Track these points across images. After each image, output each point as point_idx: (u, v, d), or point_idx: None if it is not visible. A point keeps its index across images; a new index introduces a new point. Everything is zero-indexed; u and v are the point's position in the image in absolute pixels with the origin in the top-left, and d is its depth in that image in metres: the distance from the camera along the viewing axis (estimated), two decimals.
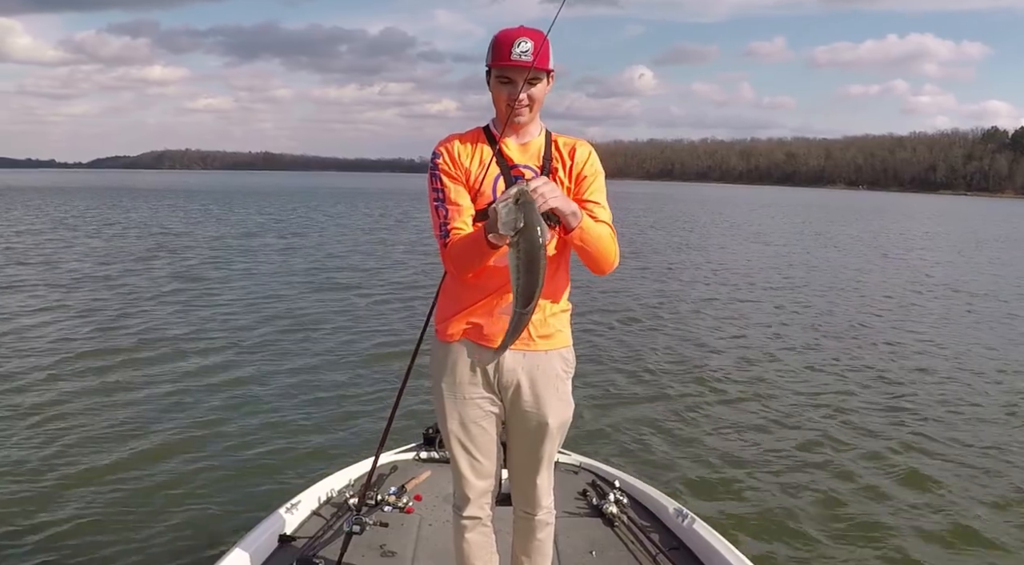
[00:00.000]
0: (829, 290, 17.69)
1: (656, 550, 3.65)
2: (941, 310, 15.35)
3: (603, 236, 2.67)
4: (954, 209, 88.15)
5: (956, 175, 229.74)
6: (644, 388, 9.06)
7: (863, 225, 45.98)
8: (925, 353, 11.28)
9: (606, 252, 2.70)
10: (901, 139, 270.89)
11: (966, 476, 6.60)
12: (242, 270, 18.55)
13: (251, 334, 11.23)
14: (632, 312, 14.08)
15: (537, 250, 2.38)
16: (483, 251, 2.55)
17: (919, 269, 22.86)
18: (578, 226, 2.56)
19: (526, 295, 2.45)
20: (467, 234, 2.66)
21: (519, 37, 2.63)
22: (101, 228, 30.04)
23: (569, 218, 2.53)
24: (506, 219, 2.35)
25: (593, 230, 2.62)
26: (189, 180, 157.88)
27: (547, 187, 2.43)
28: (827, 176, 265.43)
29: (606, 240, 2.69)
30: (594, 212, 2.74)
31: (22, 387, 8.31)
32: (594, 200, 2.78)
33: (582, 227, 2.57)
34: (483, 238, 2.51)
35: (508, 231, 2.37)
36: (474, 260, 2.65)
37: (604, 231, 2.69)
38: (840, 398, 8.79)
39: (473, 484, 2.92)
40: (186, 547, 5.00)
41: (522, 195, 2.34)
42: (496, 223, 2.38)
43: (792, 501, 6.00)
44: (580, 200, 2.75)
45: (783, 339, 12.08)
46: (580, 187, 2.79)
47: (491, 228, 2.44)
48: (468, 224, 2.72)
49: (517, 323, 2.53)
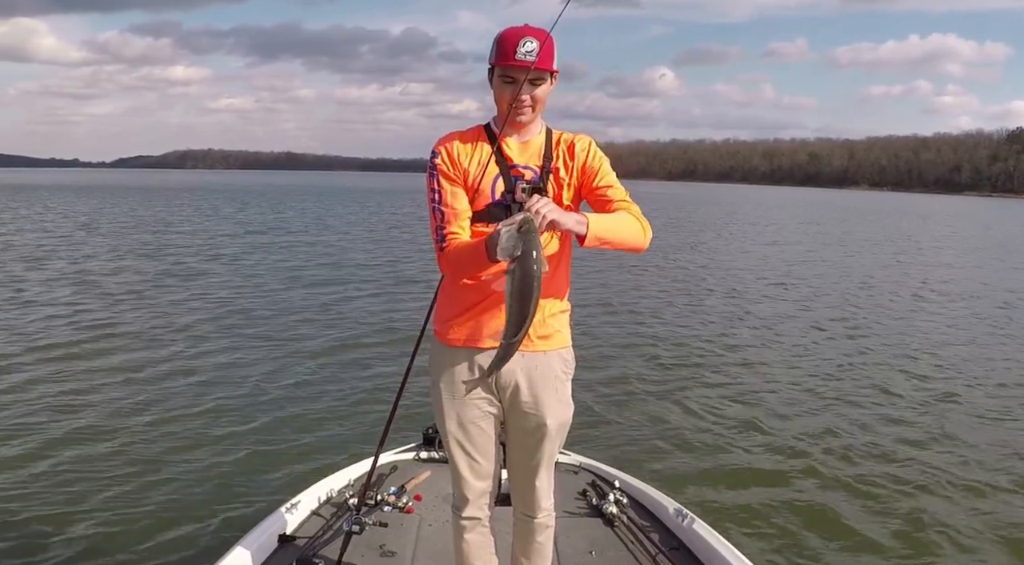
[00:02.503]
0: (834, 291, 17.55)
1: (656, 550, 3.64)
2: (953, 317, 15.15)
3: (620, 225, 2.63)
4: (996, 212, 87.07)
5: (981, 176, 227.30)
6: (644, 388, 9.05)
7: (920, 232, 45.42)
8: (932, 357, 11.18)
9: (632, 237, 2.66)
10: (925, 140, 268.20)
11: (970, 478, 6.56)
12: (243, 269, 18.66)
13: (251, 334, 11.26)
14: (632, 312, 14.09)
15: (532, 280, 2.37)
16: (482, 262, 2.53)
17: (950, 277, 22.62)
18: (588, 231, 2.49)
19: (516, 324, 2.44)
20: (468, 243, 2.64)
21: (524, 36, 2.60)
22: (113, 226, 30.28)
23: (574, 227, 2.47)
24: (504, 245, 2.35)
25: (608, 227, 2.57)
26: (213, 179, 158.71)
27: (545, 205, 2.40)
28: (850, 177, 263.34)
29: (625, 227, 2.64)
30: (608, 195, 2.73)
31: (20, 385, 8.36)
32: (605, 184, 2.75)
33: (592, 230, 2.50)
34: (483, 250, 2.49)
35: (504, 257, 2.37)
36: (471, 268, 2.66)
37: (618, 219, 2.64)
38: (841, 399, 8.78)
39: (472, 485, 2.91)
40: (186, 546, 5.01)
41: (526, 223, 2.32)
42: (495, 245, 2.38)
43: (793, 501, 5.99)
44: (592, 189, 2.75)
45: (784, 339, 12.05)
46: (589, 178, 2.76)
47: (491, 247, 2.44)
48: (465, 228, 2.71)
49: (504, 353, 2.54)
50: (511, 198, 2.70)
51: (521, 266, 2.36)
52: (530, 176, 2.73)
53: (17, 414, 7.42)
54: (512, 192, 2.70)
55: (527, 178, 2.72)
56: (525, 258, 2.34)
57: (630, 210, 2.71)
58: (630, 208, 2.72)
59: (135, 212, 41.47)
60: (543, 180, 2.73)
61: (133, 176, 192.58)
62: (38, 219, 34.16)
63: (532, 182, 2.71)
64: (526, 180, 2.72)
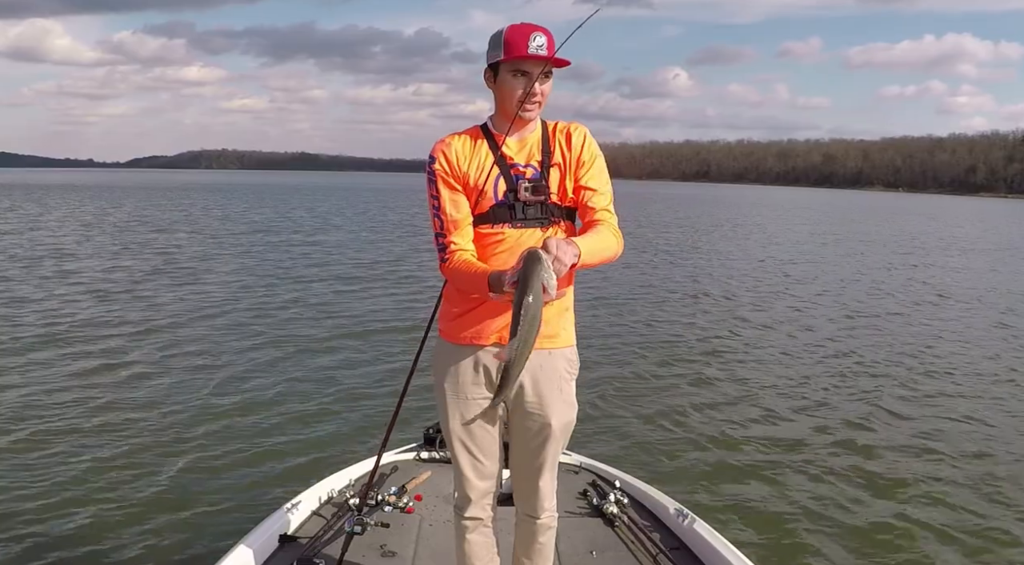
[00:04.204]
0: (837, 293, 17.48)
1: (656, 550, 3.63)
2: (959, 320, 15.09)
3: (603, 248, 2.60)
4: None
5: (996, 177, 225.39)
6: (645, 388, 9.08)
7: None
8: (934, 358, 11.14)
9: (608, 256, 2.65)
10: (940, 140, 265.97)
11: (972, 476, 6.57)
12: (243, 269, 18.72)
13: (251, 334, 11.29)
14: (633, 312, 14.09)
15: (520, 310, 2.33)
16: (483, 292, 2.56)
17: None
18: (578, 262, 2.45)
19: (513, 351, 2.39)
20: (471, 270, 2.63)
21: (533, 31, 2.61)
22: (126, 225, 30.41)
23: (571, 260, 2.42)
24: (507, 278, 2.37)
25: (592, 251, 2.52)
26: (228, 179, 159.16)
27: (565, 254, 2.36)
28: (865, 178, 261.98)
29: (605, 248, 2.62)
30: (591, 201, 2.73)
31: (19, 384, 8.40)
32: (591, 187, 2.74)
33: (582, 260, 2.46)
34: (485, 284, 2.51)
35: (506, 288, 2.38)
36: (473, 293, 2.67)
37: (601, 241, 2.61)
38: (842, 399, 8.79)
39: (475, 485, 2.89)
40: (187, 546, 5.03)
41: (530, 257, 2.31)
42: (500, 284, 2.41)
43: (793, 501, 6.00)
44: (578, 186, 2.74)
45: (786, 340, 12.06)
46: (578, 172, 2.75)
47: (494, 284, 2.46)
48: (466, 238, 2.71)
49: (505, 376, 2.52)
50: (513, 197, 2.70)
51: (517, 293, 2.33)
52: (531, 174, 2.72)
53: (16, 414, 7.44)
54: (515, 191, 2.70)
55: (528, 176, 2.72)
56: (521, 286, 2.32)
57: (609, 223, 2.70)
58: (609, 221, 2.71)
59: (145, 211, 41.68)
60: (544, 176, 2.73)
61: (147, 176, 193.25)
62: (55, 217, 34.35)
63: (533, 180, 2.71)
64: (527, 178, 2.71)
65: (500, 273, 2.45)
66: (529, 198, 2.69)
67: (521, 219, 2.70)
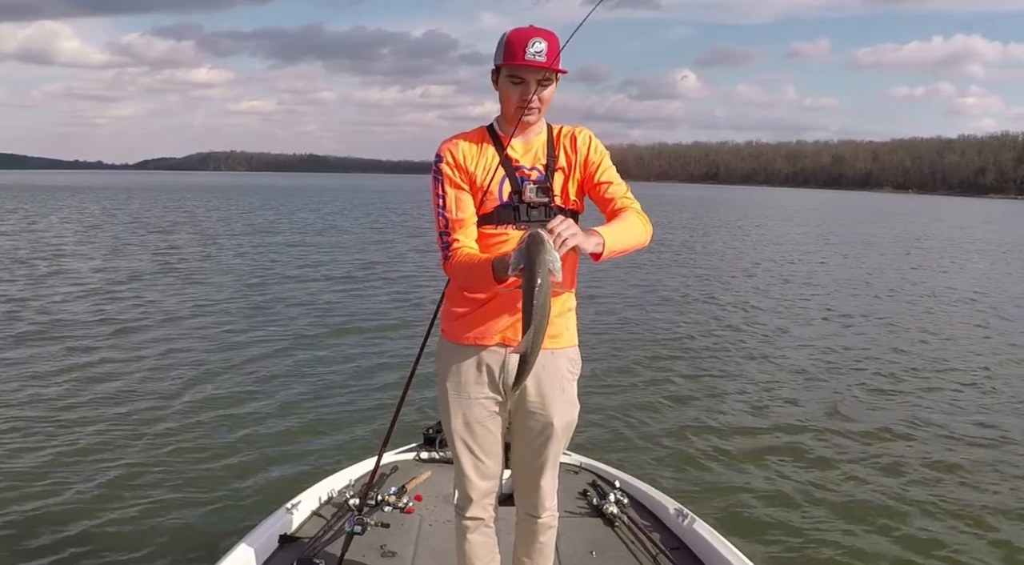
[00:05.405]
0: (841, 295, 17.39)
1: (656, 550, 3.62)
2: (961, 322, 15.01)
3: (629, 233, 2.61)
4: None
5: (1006, 178, 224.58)
6: (645, 387, 9.06)
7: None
8: (934, 359, 11.11)
9: (638, 241, 2.66)
10: (950, 141, 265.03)
11: (978, 477, 6.55)
12: (245, 268, 18.75)
13: (252, 334, 11.29)
14: (633, 312, 14.07)
15: (531, 294, 2.32)
16: (488, 280, 2.54)
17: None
18: (604, 250, 2.47)
19: (529, 340, 2.38)
20: (475, 260, 2.63)
21: (532, 37, 2.60)
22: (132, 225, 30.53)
23: (593, 249, 2.45)
24: (512, 262, 2.35)
25: (618, 239, 2.53)
26: (237, 181, 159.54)
27: (568, 229, 2.37)
28: (874, 179, 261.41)
29: (633, 233, 2.63)
30: (611, 194, 2.74)
31: (19, 384, 8.42)
32: (607, 180, 2.76)
33: (608, 248, 2.47)
34: (490, 270, 2.51)
35: (511, 273, 2.37)
36: (479, 285, 2.66)
37: (627, 227, 2.62)
38: (843, 399, 8.77)
39: (476, 485, 2.89)
40: (187, 546, 5.04)
41: (531, 238, 2.31)
42: (504, 267, 2.39)
43: (793, 501, 6.00)
44: (594, 185, 2.75)
45: (786, 341, 12.01)
46: (590, 172, 2.76)
47: (498, 268, 2.45)
48: (469, 237, 2.71)
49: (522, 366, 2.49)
50: (518, 199, 2.70)
51: (525, 280, 2.33)
52: (536, 176, 2.72)
53: (16, 414, 7.45)
54: (520, 193, 2.70)
55: (533, 178, 2.72)
56: (528, 271, 2.32)
57: (632, 208, 2.71)
58: (632, 206, 2.72)
59: (155, 211, 41.74)
60: (549, 178, 2.73)
61: (156, 178, 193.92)
62: (64, 217, 34.47)
63: (538, 182, 2.71)
64: (532, 180, 2.71)
65: (503, 256, 2.45)
66: (535, 200, 2.69)
67: (525, 221, 2.70)
